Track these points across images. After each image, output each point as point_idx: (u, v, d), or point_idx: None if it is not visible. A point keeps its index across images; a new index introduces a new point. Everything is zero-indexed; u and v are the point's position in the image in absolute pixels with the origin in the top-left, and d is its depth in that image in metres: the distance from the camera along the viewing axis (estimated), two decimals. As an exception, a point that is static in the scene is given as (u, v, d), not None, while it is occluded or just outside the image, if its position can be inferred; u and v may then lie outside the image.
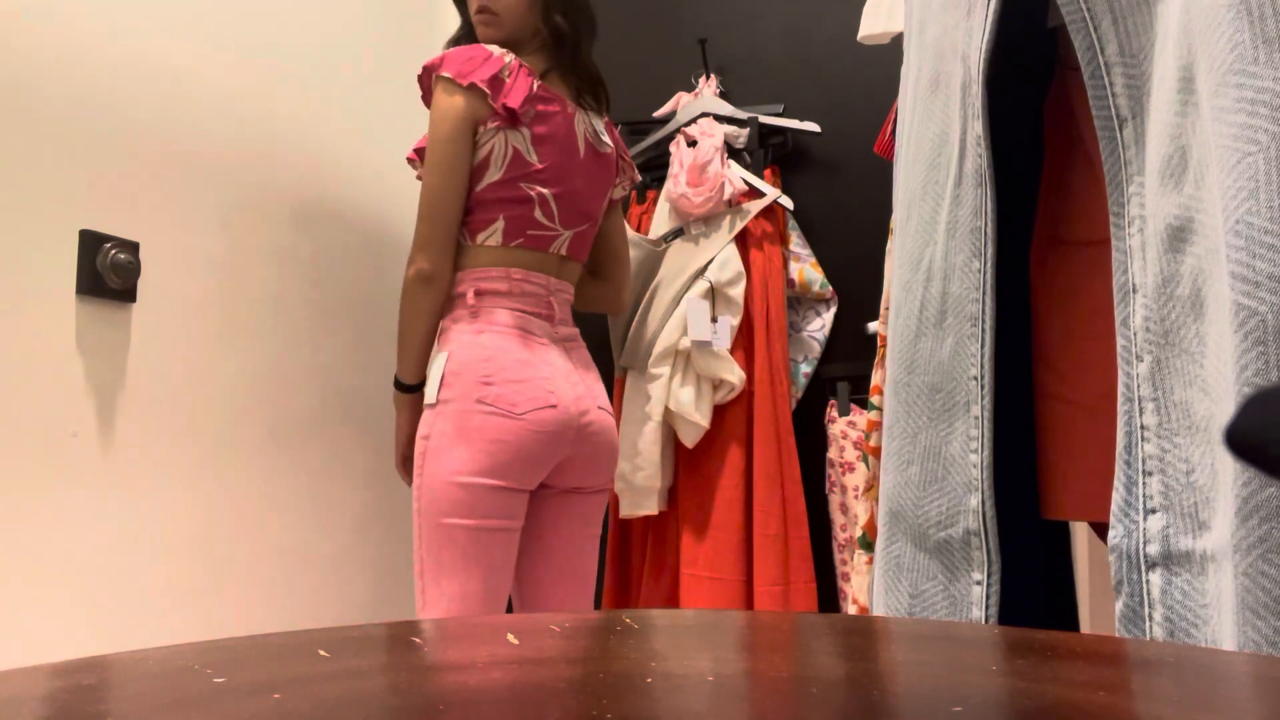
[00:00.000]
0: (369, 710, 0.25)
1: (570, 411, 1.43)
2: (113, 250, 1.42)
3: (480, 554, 1.38)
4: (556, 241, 1.51)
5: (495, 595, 1.41)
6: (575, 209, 1.52)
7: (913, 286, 0.91)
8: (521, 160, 1.45)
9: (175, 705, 0.26)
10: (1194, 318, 0.65)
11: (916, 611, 0.87)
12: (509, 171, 1.45)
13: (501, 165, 1.44)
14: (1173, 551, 0.65)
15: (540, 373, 1.41)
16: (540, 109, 1.47)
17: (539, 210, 1.47)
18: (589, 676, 0.30)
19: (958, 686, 0.29)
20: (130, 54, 1.50)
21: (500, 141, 1.44)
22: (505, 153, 1.44)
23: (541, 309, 1.48)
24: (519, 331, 1.43)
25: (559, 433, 1.41)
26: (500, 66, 1.45)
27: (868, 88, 2.08)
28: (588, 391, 1.48)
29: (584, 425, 1.46)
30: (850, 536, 1.85)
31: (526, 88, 1.46)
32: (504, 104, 1.42)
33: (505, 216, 1.46)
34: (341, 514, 1.91)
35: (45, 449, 1.34)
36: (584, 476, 1.51)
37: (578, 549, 1.53)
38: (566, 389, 1.44)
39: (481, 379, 1.38)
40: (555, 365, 1.44)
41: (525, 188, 1.46)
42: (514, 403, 1.38)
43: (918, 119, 0.94)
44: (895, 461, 0.91)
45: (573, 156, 1.52)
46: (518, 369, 1.39)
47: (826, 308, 2.05)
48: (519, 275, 1.47)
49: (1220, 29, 0.61)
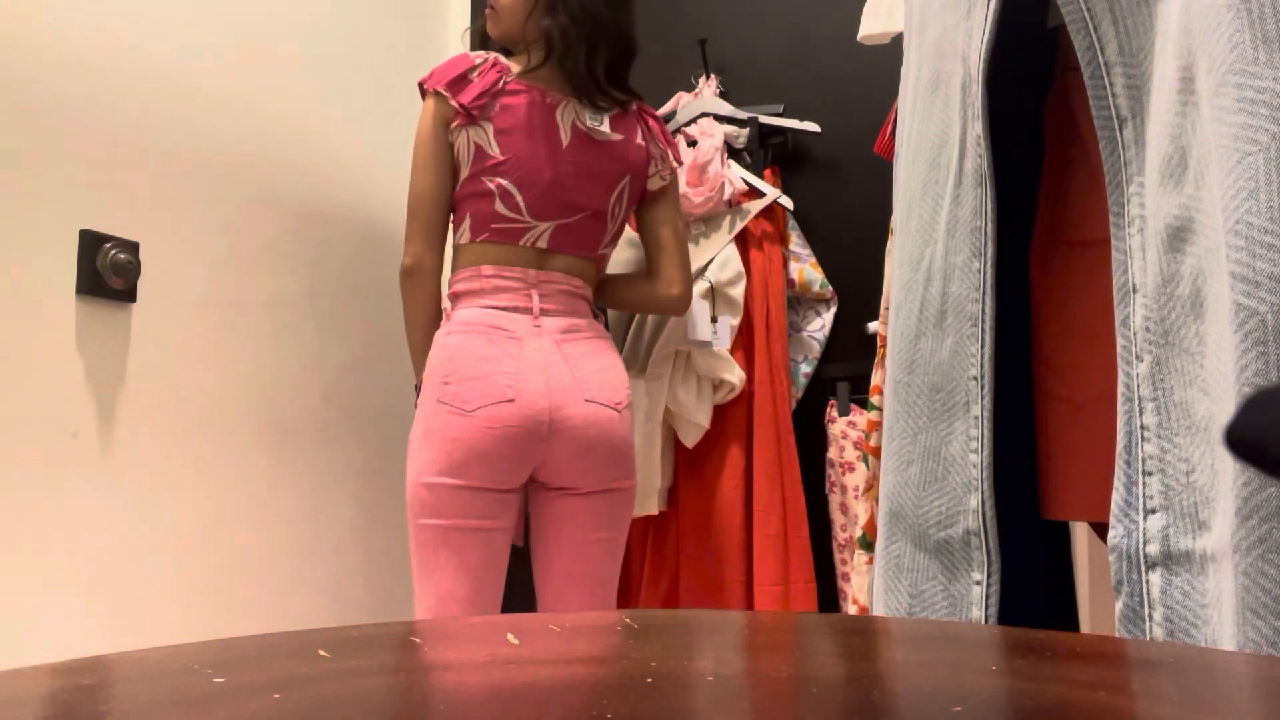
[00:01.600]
0: (369, 710, 0.25)
1: (535, 407, 1.39)
2: (113, 250, 1.42)
3: (454, 554, 1.38)
4: (529, 233, 1.49)
5: (481, 595, 1.40)
6: (555, 200, 1.50)
7: (913, 286, 0.91)
8: (483, 154, 1.48)
9: (175, 705, 0.26)
10: (1194, 318, 0.65)
11: (916, 611, 0.87)
12: (473, 167, 1.49)
13: (469, 161, 1.49)
14: (1173, 551, 0.65)
15: (501, 368, 1.40)
16: (504, 102, 1.48)
17: (500, 203, 1.48)
18: (589, 676, 0.30)
19: (958, 686, 0.29)
20: (130, 54, 1.50)
21: (464, 138, 1.49)
22: (469, 149, 1.49)
23: (519, 303, 1.46)
24: (486, 327, 1.43)
25: (522, 428, 1.38)
26: (469, 67, 1.50)
27: (868, 88, 2.08)
28: (573, 384, 1.43)
29: (558, 420, 1.41)
30: (850, 536, 1.85)
31: (487, 83, 1.48)
32: (459, 101, 1.48)
33: (471, 213, 1.49)
34: (341, 514, 1.91)
35: (45, 449, 1.34)
36: (573, 476, 1.46)
37: (582, 553, 1.48)
38: (533, 384, 1.40)
39: (442, 379, 1.40)
40: (525, 360, 1.41)
41: (486, 181, 1.48)
42: (466, 400, 1.37)
43: (918, 119, 0.94)
44: (895, 461, 0.91)
45: (549, 147, 1.50)
46: (474, 365, 1.39)
47: (826, 308, 2.05)
48: (490, 271, 1.47)
49: (1220, 29, 0.61)
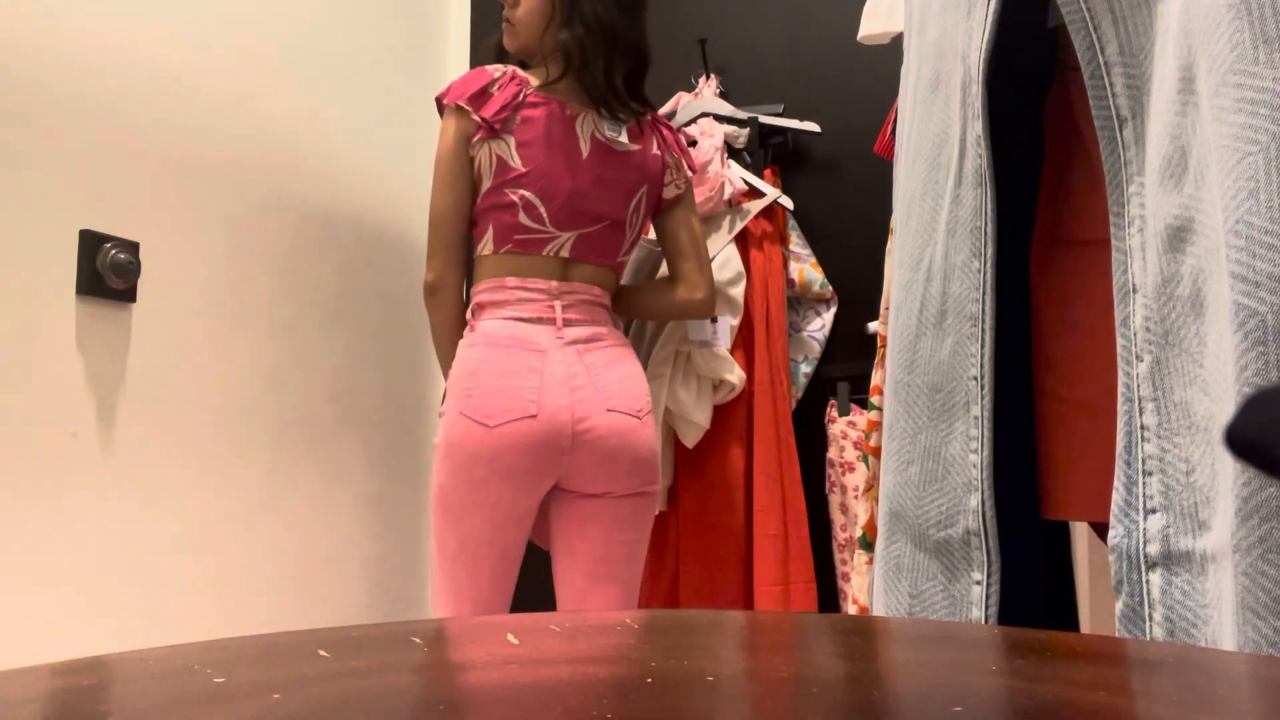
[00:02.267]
0: (369, 710, 0.25)
1: (558, 420, 1.41)
2: (113, 250, 1.42)
3: (472, 560, 1.42)
4: (552, 244, 1.51)
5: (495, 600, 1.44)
6: (577, 210, 1.52)
7: (913, 286, 0.91)
8: (505, 166, 1.49)
9: (175, 705, 0.26)
10: (1194, 318, 0.65)
11: (916, 611, 0.87)
12: (495, 179, 1.49)
13: (490, 174, 1.50)
14: (1173, 551, 0.65)
15: (524, 383, 1.41)
16: (525, 114, 1.49)
17: (524, 214, 1.49)
18: (589, 676, 0.30)
19: (958, 686, 0.29)
20: (130, 54, 1.50)
21: (486, 152, 1.49)
22: (491, 161, 1.50)
23: (543, 314, 1.47)
24: (509, 339, 1.44)
25: (545, 443, 1.40)
26: (489, 81, 1.50)
27: (868, 88, 2.08)
28: (595, 394, 1.45)
29: (581, 433, 1.43)
30: (850, 536, 1.85)
31: (508, 96, 1.49)
32: (481, 115, 1.48)
33: (493, 224, 1.50)
34: (341, 514, 1.91)
35: (45, 449, 1.34)
36: (598, 482, 1.47)
37: (605, 555, 1.50)
38: (556, 398, 1.42)
39: (465, 391, 1.41)
40: (548, 373, 1.43)
41: (509, 192, 1.49)
42: (489, 414, 1.39)
43: (918, 119, 0.94)
44: (895, 461, 0.91)
45: (569, 158, 1.51)
46: (496, 380, 1.41)
47: (826, 308, 2.05)
48: (514, 283, 1.48)
49: (1220, 29, 0.61)
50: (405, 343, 2.15)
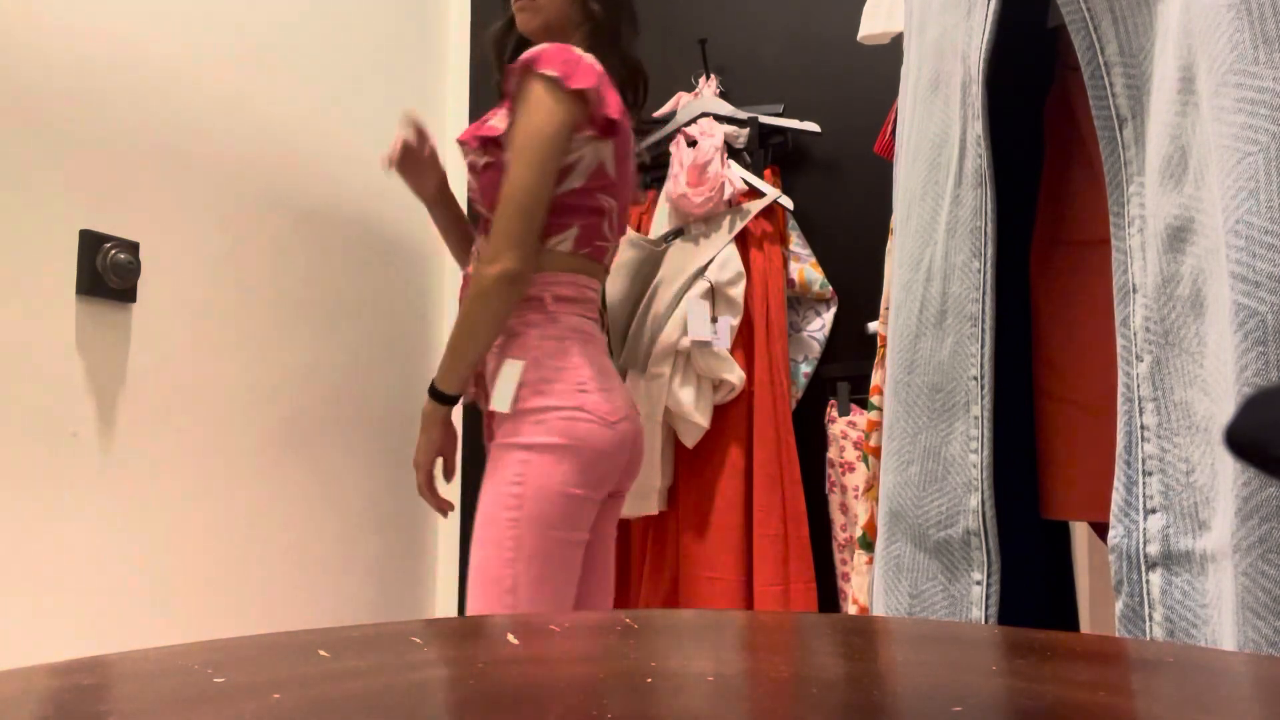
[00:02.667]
0: (369, 710, 0.25)
1: (638, 422, 1.47)
2: (113, 250, 1.42)
3: (571, 564, 1.38)
4: (609, 253, 1.53)
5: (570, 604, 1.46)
6: (623, 221, 1.55)
7: (913, 286, 0.91)
8: (603, 172, 1.43)
9: (175, 705, 0.26)
10: (1194, 318, 0.65)
11: (916, 611, 0.87)
12: (590, 181, 1.42)
13: (585, 174, 1.41)
14: (1173, 551, 0.65)
15: (619, 383, 1.45)
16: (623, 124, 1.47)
17: (607, 223, 1.48)
18: (589, 676, 0.30)
19: (958, 686, 0.29)
20: (130, 54, 1.50)
21: (590, 151, 1.40)
22: (592, 163, 1.41)
23: (597, 316, 1.50)
24: (595, 339, 1.46)
25: (633, 442, 1.44)
26: (599, 74, 1.40)
27: (868, 88, 2.08)
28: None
29: (638, 433, 1.48)
30: (850, 536, 1.85)
31: (620, 101, 1.46)
32: (605, 115, 1.39)
33: (580, 225, 1.43)
34: (342, 514, 1.91)
35: (45, 449, 1.34)
36: (624, 481, 1.51)
37: (608, 549, 1.55)
38: (630, 399, 1.48)
39: (577, 386, 1.36)
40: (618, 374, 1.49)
41: (602, 199, 1.45)
42: (607, 411, 1.38)
43: (918, 119, 0.94)
44: (895, 461, 0.91)
45: (633, 171, 1.54)
46: (605, 377, 1.42)
47: (826, 308, 2.05)
48: (585, 282, 1.47)
49: (1220, 29, 0.61)
50: (406, 342, 2.15)
